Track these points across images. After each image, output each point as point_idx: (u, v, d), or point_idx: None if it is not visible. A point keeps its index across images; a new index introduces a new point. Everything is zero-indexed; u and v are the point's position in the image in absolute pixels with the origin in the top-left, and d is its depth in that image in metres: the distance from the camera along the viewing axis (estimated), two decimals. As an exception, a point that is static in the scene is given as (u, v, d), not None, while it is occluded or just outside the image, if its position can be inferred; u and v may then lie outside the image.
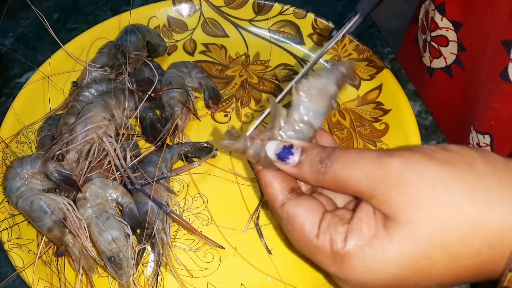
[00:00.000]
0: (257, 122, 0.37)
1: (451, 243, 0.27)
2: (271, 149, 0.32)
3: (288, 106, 0.34)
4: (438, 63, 0.61)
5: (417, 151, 0.29)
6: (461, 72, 0.59)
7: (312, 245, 0.31)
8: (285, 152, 0.32)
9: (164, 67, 0.59)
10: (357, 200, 0.33)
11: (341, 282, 0.31)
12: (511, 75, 0.49)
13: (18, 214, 0.45)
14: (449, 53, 0.59)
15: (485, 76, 0.53)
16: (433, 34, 0.60)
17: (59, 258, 0.43)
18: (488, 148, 0.54)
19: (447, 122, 0.60)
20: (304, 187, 0.36)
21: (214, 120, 0.55)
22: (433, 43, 0.60)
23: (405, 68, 0.62)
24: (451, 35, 0.58)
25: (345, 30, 0.40)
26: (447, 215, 0.27)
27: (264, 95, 0.58)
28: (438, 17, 0.59)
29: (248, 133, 0.34)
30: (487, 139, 0.54)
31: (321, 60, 0.61)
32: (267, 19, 0.62)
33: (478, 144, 0.55)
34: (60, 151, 0.46)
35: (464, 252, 0.27)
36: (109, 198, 0.45)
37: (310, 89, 0.34)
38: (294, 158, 0.32)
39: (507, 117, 0.51)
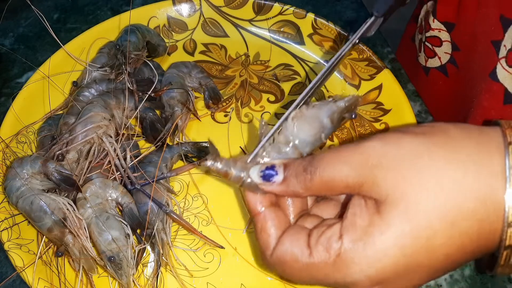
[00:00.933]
0: (258, 147, 0.37)
1: (445, 209, 0.27)
2: (255, 173, 0.32)
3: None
4: (433, 63, 0.62)
5: (392, 130, 0.30)
6: (456, 71, 0.59)
7: (310, 266, 0.30)
8: (269, 173, 0.32)
9: (164, 67, 0.59)
10: (348, 199, 0.33)
11: (351, 287, 0.30)
12: (499, 75, 0.49)
13: (18, 214, 0.45)
14: (443, 52, 0.59)
15: (477, 75, 0.53)
16: (427, 34, 0.60)
17: (59, 258, 0.43)
18: None
19: (444, 120, 0.61)
20: (292, 210, 0.35)
21: (214, 120, 0.55)
22: (427, 43, 0.61)
23: (403, 66, 0.62)
24: (444, 36, 0.58)
25: (360, 33, 0.38)
26: (435, 183, 0.27)
27: (264, 95, 0.58)
28: (431, 19, 0.59)
29: (249, 159, 0.34)
30: None
31: (320, 60, 0.61)
32: (267, 19, 0.62)
33: None
34: (60, 151, 0.46)
35: (459, 216, 0.27)
36: (109, 198, 0.45)
37: (301, 117, 0.34)
38: (279, 177, 0.32)
39: (496, 117, 0.51)
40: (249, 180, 0.33)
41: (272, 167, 0.32)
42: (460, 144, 0.28)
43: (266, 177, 0.32)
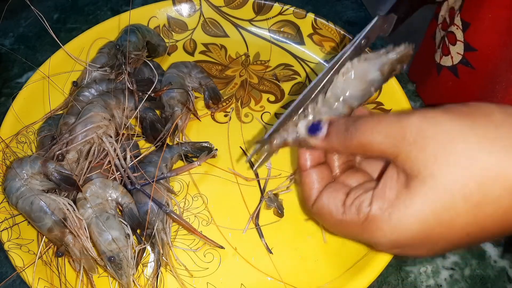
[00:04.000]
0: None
1: (471, 191, 0.28)
2: (303, 127, 0.35)
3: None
4: (446, 61, 0.61)
5: (436, 108, 0.30)
6: (469, 71, 0.58)
7: (342, 222, 0.33)
8: (315, 127, 0.35)
9: (164, 67, 0.59)
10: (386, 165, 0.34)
11: (375, 246, 0.33)
12: None
13: (18, 214, 0.45)
14: (456, 53, 0.58)
15: (505, 69, 0.52)
16: (449, 29, 0.59)
17: (59, 258, 0.43)
18: None
19: None
20: (338, 165, 0.38)
21: (214, 120, 0.55)
22: (446, 39, 0.60)
23: (419, 63, 0.61)
24: (459, 35, 0.57)
25: (363, 34, 0.37)
26: (465, 165, 0.28)
27: (264, 95, 0.58)
28: (457, 13, 0.58)
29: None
30: None
31: (320, 60, 0.61)
32: (267, 19, 0.62)
33: None
34: (60, 151, 0.46)
35: (485, 200, 0.28)
36: (109, 198, 0.45)
37: (350, 71, 0.34)
38: (323, 131, 0.34)
39: None
40: (297, 134, 0.35)
41: (318, 122, 0.35)
42: (500, 130, 0.28)
43: (312, 131, 0.35)
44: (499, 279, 0.46)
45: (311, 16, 0.61)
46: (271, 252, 0.46)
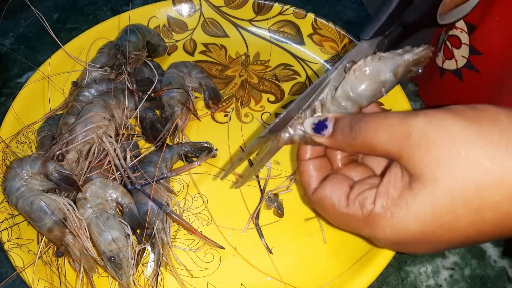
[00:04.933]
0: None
1: (471, 196, 0.28)
2: (308, 124, 0.35)
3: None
4: (450, 65, 0.60)
5: (443, 109, 0.30)
6: (474, 75, 0.57)
7: (344, 215, 0.34)
8: (320, 125, 0.35)
9: (164, 67, 0.59)
10: (390, 162, 0.34)
11: (375, 241, 0.34)
12: None
13: (18, 214, 0.45)
14: (461, 56, 0.57)
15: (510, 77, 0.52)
16: (450, 33, 0.58)
17: (59, 258, 0.43)
18: None
19: None
20: (340, 158, 0.38)
21: (214, 120, 0.55)
22: (447, 42, 0.59)
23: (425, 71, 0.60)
24: (464, 38, 0.56)
25: (345, 60, 0.36)
26: (467, 171, 0.28)
27: (264, 95, 0.58)
28: None
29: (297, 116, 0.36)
30: None
31: (320, 60, 0.61)
32: (267, 19, 0.62)
33: None
34: (60, 151, 0.46)
35: (485, 205, 0.28)
36: (109, 198, 0.45)
37: (361, 69, 0.34)
38: (329, 129, 0.34)
39: None
40: (303, 131, 0.35)
41: (324, 120, 0.35)
42: (505, 138, 0.28)
43: (317, 129, 0.35)
44: (499, 279, 0.46)
45: (311, 16, 0.61)
46: (271, 252, 0.46)
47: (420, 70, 0.34)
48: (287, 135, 0.36)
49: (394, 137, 0.30)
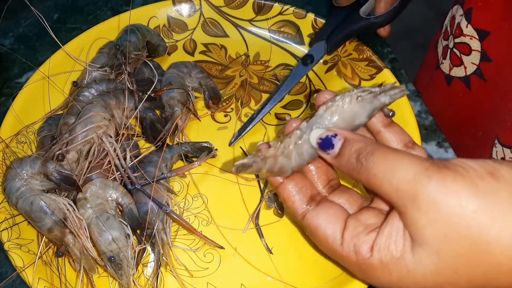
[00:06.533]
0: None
1: (476, 276, 0.27)
2: (315, 137, 0.33)
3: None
4: (458, 72, 0.59)
5: (461, 175, 0.27)
6: (481, 83, 0.57)
7: (338, 253, 0.32)
8: (327, 142, 0.32)
9: (164, 67, 0.59)
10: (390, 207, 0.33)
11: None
12: None
13: (18, 214, 0.45)
14: (470, 63, 0.57)
15: None
16: (457, 40, 0.58)
17: (59, 258, 0.43)
18: None
19: (461, 133, 0.59)
20: (322, 183, 0.37)
21: (214, 120, 0.55)
22: (455, 50, 0.58)
23: (424, 75, 0.60)
24: (475, 45, 0.56)
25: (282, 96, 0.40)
26: (475, 256, 0.27)
27: (264, 95, 0.58)
28: (464, 23, 0.56)
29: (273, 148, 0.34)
30: None
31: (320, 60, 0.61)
32: (267, 19, 0.62)
33: (503, 158, 0.54)
34: (60, 151, 0.46)
35: (489, 285, 0.27)
36: (109, 198, 0.45)
37: (337, 112, 0.33)
38: (335, 150, 0.32)
39: None
40: (277, 168, 0.33)
41: (332, 137, 0.32)
42: None
43: (323, 146, 0.32)
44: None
45: (311, 16, 0.61)
46: (271, 252, 0.46)
47: (391, 114, 0.35)
48: (257, 167, 0.33)
49: (401, 192, 0.28)
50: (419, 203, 0.27)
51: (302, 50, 0.62)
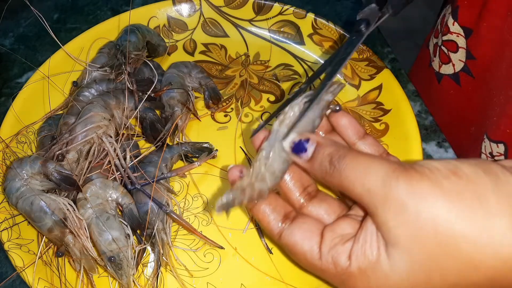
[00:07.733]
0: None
1: (449, 274, 0.27)
2: (288, 142, 0.33)
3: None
4: (447, 69, 0.60)
5: (427, 176, 0.28)
6: (470, 80, 0.57)
7: (317, 267, 0.32)
8: (300, 146, 0.33)
9: (164, 67, 0.59)
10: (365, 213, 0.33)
11: None
12: None
13: (18, 214, 0.45)
14: (458, 60, 0.57)
15: (502, 83, 0.52)
16: (444, 38, 0.58)
17: (59, 258, 0.43)
18: (502, 157, 0.53)
19: (455, 130, 0.59)
20: (299, 197, 0.37)
21: (214, 120, 0.55)
22: (443, 48, 0.59)
23: (417, 73, 0.60)
24: (461, 42, 0.56)
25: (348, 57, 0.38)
26: (445, 253, 0.27)
27: (264, 95, 0.58)
28: (450, 21, 0.57)
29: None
30: (501, 148, 0.53)
31: (320, 60, 0.61)
32: (267, 19, 0.62)
33: (491, 153, 0.54)
34: (60, 151, 0.46)
35: (464, 282, 0.28)
36: (110, 198, 0.45)
37: (291, 122, 0.34)
38: (308, 154, 0.32)
39: None
40: (277, 149, 0.33)
41: (305, 141, 0.33)
42: (490, 223, 0.26)
43: (296, 150, 0.33)
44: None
45: (311, 16, 0.61)
46: (271, 252, 0.46)
47: (337, 108, 0.36)
48: (238, 201, 0.34)
49: (370, 193, 0.28)
50: (389, 204, 0.28)
51: (302, 50, 0.62)
